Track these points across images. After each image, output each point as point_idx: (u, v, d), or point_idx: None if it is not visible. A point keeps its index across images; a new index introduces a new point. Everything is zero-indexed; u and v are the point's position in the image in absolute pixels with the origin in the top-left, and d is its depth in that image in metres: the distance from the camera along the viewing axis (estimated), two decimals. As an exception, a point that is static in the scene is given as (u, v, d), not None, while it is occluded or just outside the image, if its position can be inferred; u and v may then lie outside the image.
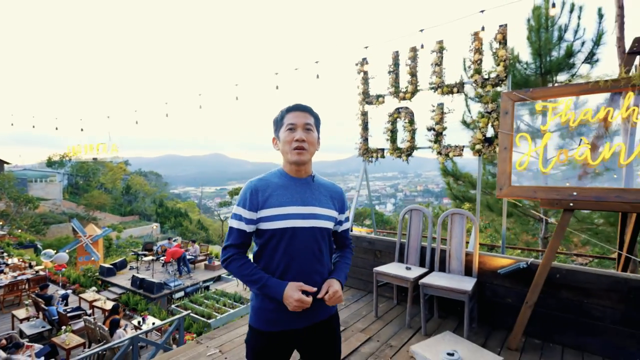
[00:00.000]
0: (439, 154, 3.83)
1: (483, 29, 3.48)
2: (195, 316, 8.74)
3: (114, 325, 6.43)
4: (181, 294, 11.19)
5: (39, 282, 10.58)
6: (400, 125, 4.17)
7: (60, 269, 13.47)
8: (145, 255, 15.28)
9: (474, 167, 3.76)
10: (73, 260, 15.34)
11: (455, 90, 3.72)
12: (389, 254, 3.85)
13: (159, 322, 7.09)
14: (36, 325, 7.74)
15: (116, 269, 13.35)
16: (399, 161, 4.19)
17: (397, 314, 3.43)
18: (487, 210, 7.11)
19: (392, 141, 4.24)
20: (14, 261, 13.41)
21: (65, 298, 9.00)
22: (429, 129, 3.86)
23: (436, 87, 3.81)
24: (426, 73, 3.91)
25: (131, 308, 10.32)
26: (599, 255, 6.33)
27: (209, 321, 8.47)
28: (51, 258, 13.32)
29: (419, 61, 4.01)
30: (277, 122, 1.46)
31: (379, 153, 4.40)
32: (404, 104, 4.14)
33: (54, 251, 14.11)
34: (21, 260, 14.04)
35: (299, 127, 1.39)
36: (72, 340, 6.58)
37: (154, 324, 7.08)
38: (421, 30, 3.85)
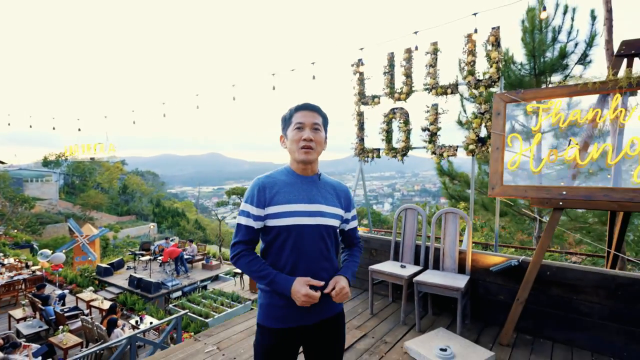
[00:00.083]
0: (434, 153, 3.89)
1: (476, 31, 3.53)
2: (193, 315, 8.76)
3: (111, 324, 6.45)
4: (179, 293, 11.21)
5: (36, 282, 10.55)
6: (395, 126, 4.22)
7: (57, 269, 13.44)
8: (143, 255, 15.29)
9: (469, 166, 3.83)
10: (70, 260, 15.31)
11: (449, 91, 3.78)
12: (384, 252, 3.91)
13: (156, 322, 7.11)
14: (33, 325, 7.74)
15: (113, 268, 13.34)
16: (396, 161, 4.24)
17: (392, 311, 3.49)
18: (482, 210, 7.17)
19: (388, 141, 4.29)
20: (10, 261, 13.38)
21: (62, 298, 9.01)
22: (423, 129, 3.92)
23: (430, 88, 3.86)
24: (421, 74, 3.96)
25: (129, 308, 10.34)
26: (592, 254, 6.42)
27: (207, 320, 8.49)
28: (48, 258, 13.28)
29: (413, 62, 4.06)
30: (285, 120, 1.46)
31: (375, 153, 4.45)
32: (399, 105, 4.20)
33: (51, 251, 14.07)
34: (17, 260, 13.99)
35: (307, 126, 1.40)
36: (70, 340, 6.58)
37: (151, 323, 7.09)
38: (416, 33, 3.91)
